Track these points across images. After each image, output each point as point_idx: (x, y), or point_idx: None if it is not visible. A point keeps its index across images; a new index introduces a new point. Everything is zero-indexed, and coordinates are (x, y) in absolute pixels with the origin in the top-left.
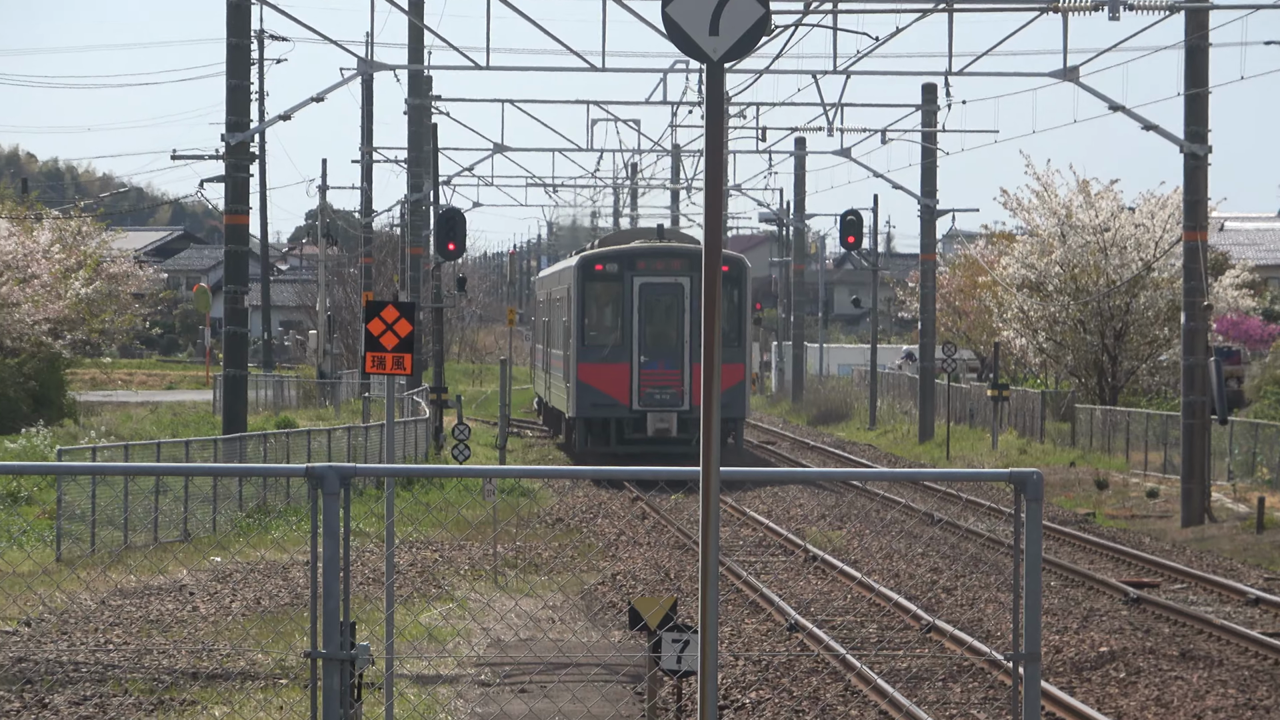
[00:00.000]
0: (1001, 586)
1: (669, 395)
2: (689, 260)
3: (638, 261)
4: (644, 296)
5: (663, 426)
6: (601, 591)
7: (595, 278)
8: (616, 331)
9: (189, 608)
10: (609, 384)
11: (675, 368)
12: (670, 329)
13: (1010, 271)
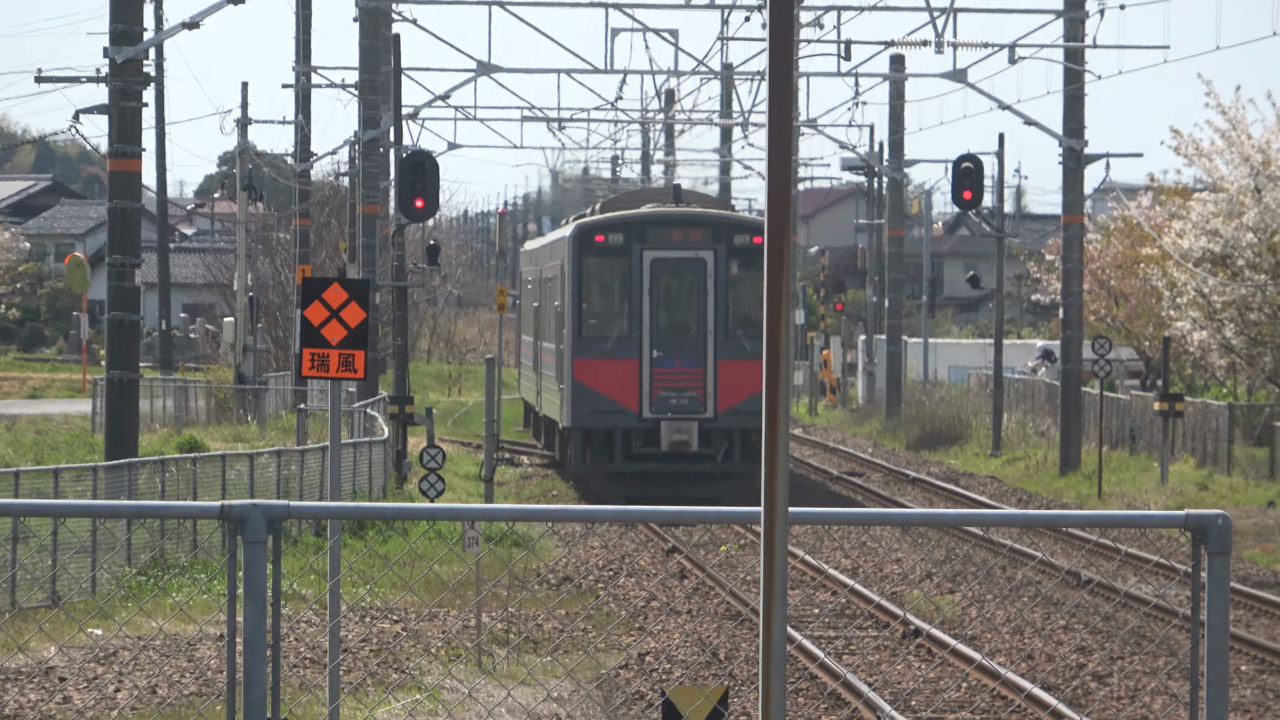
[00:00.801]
0: (1174, 672)
1: (688, 399)
2: (713, 229)
3: (648, 231)
4: (657, 275)
5: (680, 439)
6: (625, 679)
7: (595, 251)
8: (622, 319)
9: (58, 698)
10: (613, 385)
11: (696, 365)
12: (690, 316)
13: (1186, 240)
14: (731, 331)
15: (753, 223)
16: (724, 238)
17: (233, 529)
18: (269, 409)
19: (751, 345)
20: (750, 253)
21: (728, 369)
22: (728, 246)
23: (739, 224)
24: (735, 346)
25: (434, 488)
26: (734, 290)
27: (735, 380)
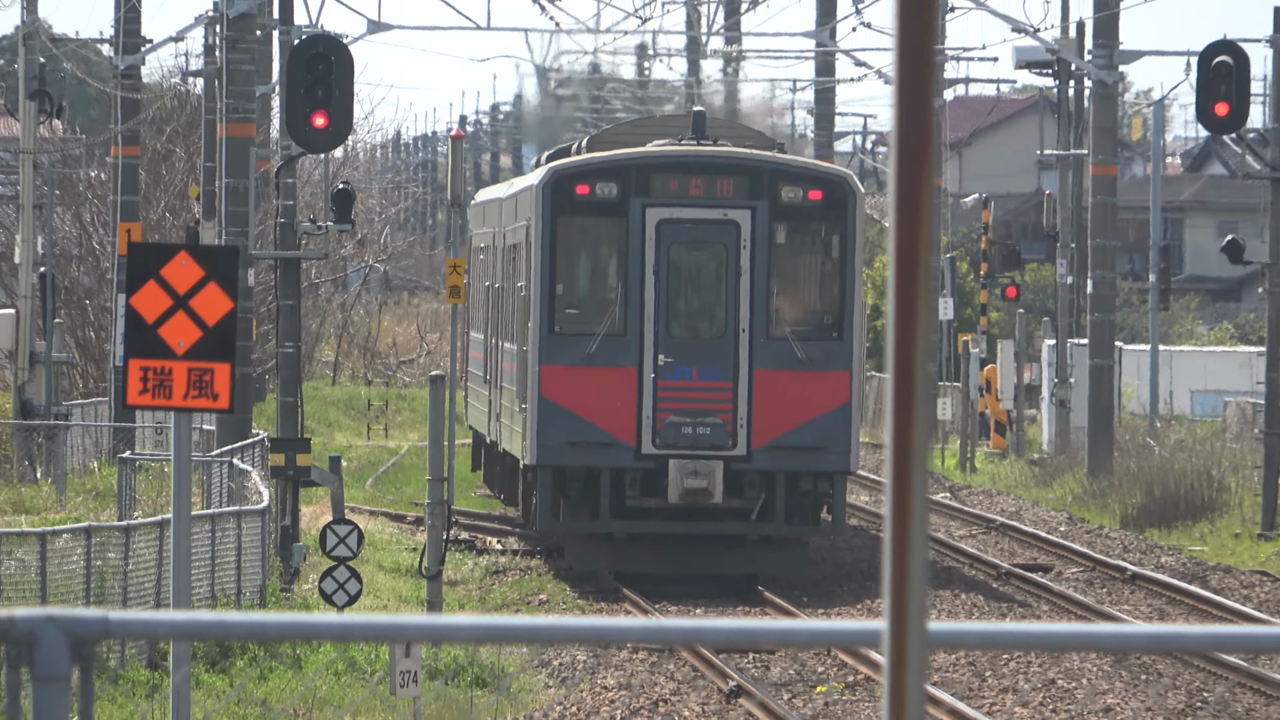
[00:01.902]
0: None
1: (710, 428)
2: (750, 177)
3: (655, 179)
4: (667, 244)
5: (697, 485)
6: None
7: (576, 208)
8: (614, 309)
9: None
10: (598, 405)
11: (723, 377)
12: (714, 305)
13: None
14: (775, 329)
15: (808, 169)
16: (767, 190)
17: (14, 655)
18: (72, 459)
19: (805, 349)
20: (804, 213)
21: (769, 384)
22: (772, 203)
23: (789, 170)
24: (780, 351)
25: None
26: (780, 267)
27: (780, 400)
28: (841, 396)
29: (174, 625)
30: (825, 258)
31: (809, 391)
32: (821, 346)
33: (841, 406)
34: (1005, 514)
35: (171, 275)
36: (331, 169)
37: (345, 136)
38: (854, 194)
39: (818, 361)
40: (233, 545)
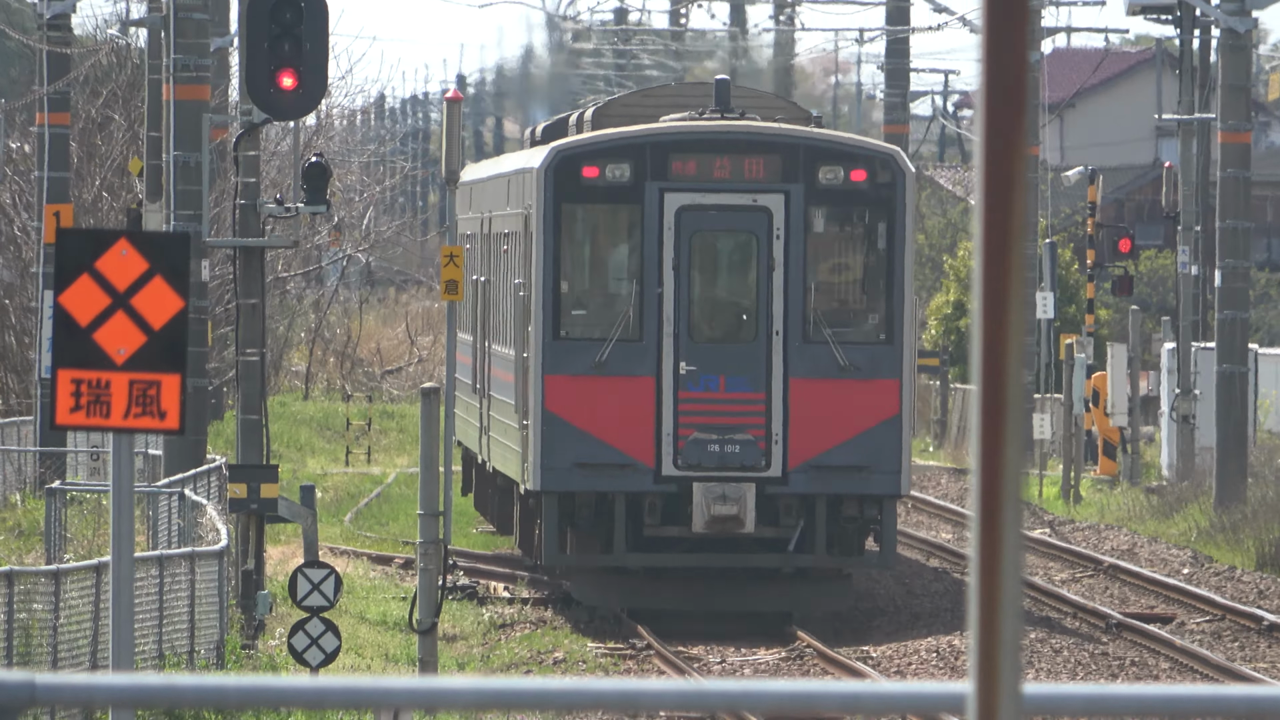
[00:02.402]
0: None
1: (739, 446)
2: (784, 156)
3: (674, 159)
4: (687, 235)
5: (726, 512)
6: None
7: (583, 194)
8: (627, 310)
9: None
10: (611, 421)
11: (752, 387)
12: (743, 305)
13: None
14: (814, 331)
15: (850, 146)
16: (803, 171)
17: None
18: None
19: (848, 354)
20: (846, 197)
21: (808, 395)
22: (808, 186)
23: (828, 147)
24: (820, 357)
25: (318, 646)
26: (819, 260)
27: (820, 414)
28: (890, 408)
29: (114, 690)
30: (871, 248)
31: (853, 403)
32: (867, 351)
33: (890, 419)
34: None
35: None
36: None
37: (318, 100)
38: (903, 174)
39: (863, 369)
40: (185, 593)
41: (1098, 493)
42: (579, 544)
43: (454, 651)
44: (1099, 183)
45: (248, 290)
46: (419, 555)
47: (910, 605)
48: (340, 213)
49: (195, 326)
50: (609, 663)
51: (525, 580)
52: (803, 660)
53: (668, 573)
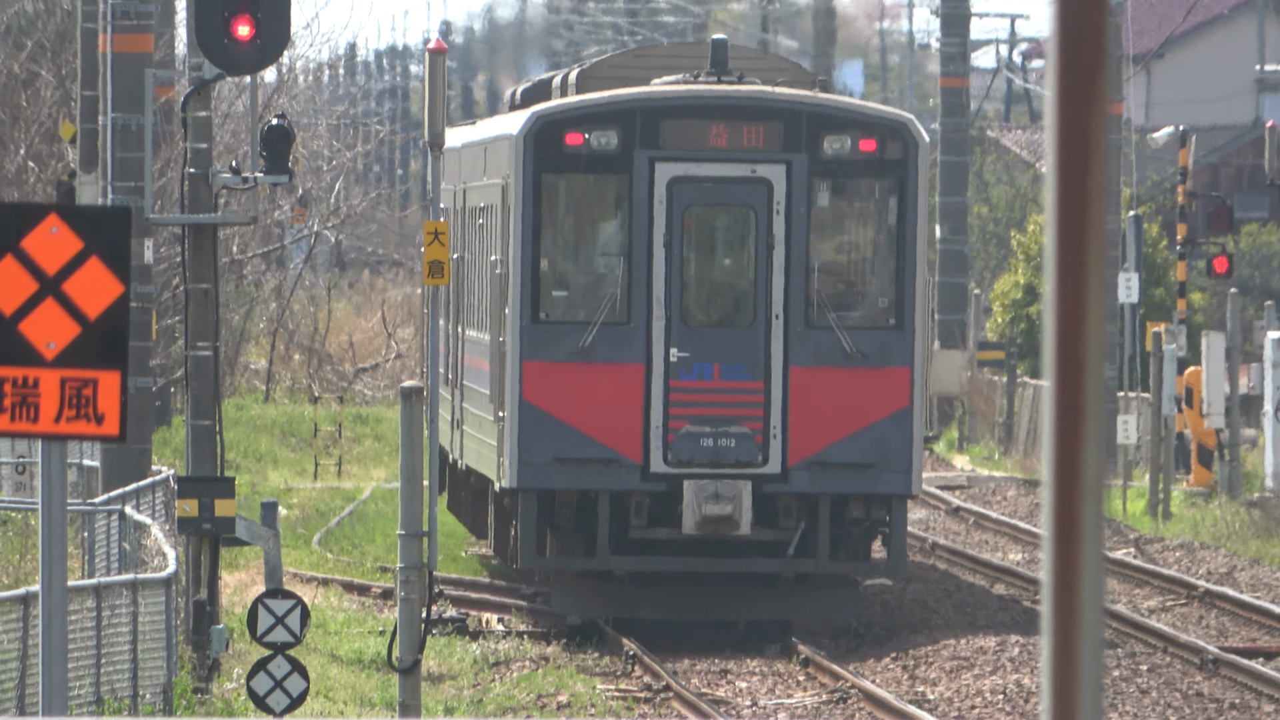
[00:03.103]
0: None
1: (735, 440)
2: (785, 123)
3: (665, 126)
4: (680, 209)
5: (720, 512)
6: None
7: (565, 163)
8: (614, 291)
9: None
10: (594, 413)
11: (749, 376)
12: (739, 286)
13: None
14: (817, 315)
15: (857, 112)
16: (806, 140)
17: None
18: None
19: (854, 340)
20: (853, 168)
21: (810, 385)
22: (812, 156)
23: (833, 114)
24: (823, 344)
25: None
26: (823, 237)
27: (823, 405)
28: (900, 400)
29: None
30: (880, 225)
31: (859, 394)
32: (875, 337)
33: (900, 412)
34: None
35: (36, 248)
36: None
37: (279, 52)
38: (916, 144)
39: (871, 356)
40: (126, 628)
41: (1191, 507)
42: (559, 547)
43: (440, 694)
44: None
45: (198, 274)
46: (399, 583)
47: (973, 638)
48: (305, 184)
49: (138, 316)
50: (621, 707)
51: (523, 611)
52: (846, 703)
53: (656, 578)
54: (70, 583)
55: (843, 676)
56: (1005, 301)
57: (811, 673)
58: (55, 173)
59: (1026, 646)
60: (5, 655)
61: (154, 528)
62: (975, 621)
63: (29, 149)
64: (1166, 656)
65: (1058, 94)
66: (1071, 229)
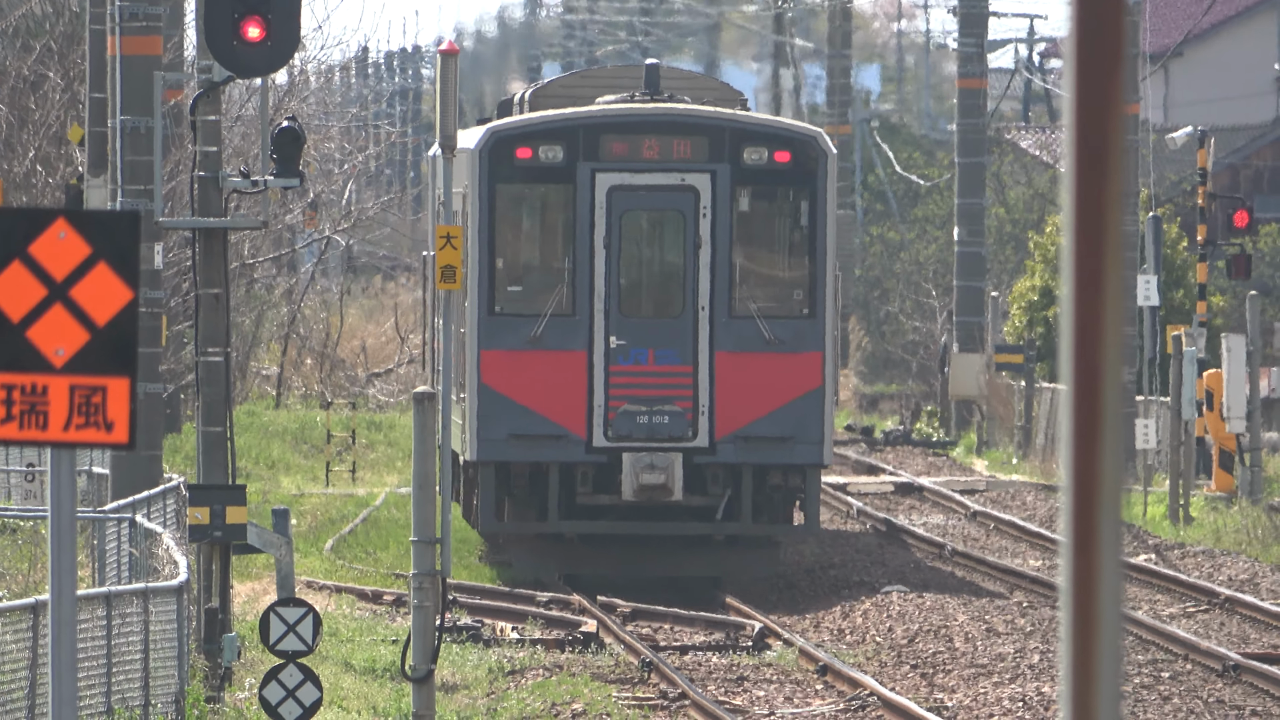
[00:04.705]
0: None
1: (668, 417)
2: (711, 137)
3: (605, 140)
4: (618, 214)
5: (655, 481)
6: None
7: (516, 174)
8: (560, 287)
9: None
10: (544, 394)
11: (680, 360)
12: (671, 281)
13: None
14: (739, 306)
15: (774, 128)
16: (728, 151)
17: None
18: None
19: (772, 328)
20: (770, 176)
21: (733, 368)
22: (734, 166)
23: (752, 129)
24: (745, 331)
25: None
26: (744, 238)
27: (745, 386)
28: (813, 380)
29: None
30: (794, 226)
31: (777, 375)
32: (791, 325)
33: (813, 391)
34: (1234, 584)
35: (45, 253)
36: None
37: (290, 54)
38: (825, 155)
39: (787, 342)
40: (137, 637)
41: (1211, 512)
42: (515, 512)
43: (454, 703)
44: (1210, 146)
45: (209, 279)
46: (413, 590)
47: (991, 645)
48: (316, 187)
49: (147, 322)
50: (638, 715)
51: (541, 619)
52: (864, 711)
53: (601, 540)
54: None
55: (861, 684)
56: (1023, 304)
57: (830, 681)
58: (64, 176)
59: (1046, 654)
60: (15, 665)
61: (165, 535)
62: (994, 628)
63: (37, 152)
64: (1188, 664)
65: (1075, 94)
66: (1089, 231)
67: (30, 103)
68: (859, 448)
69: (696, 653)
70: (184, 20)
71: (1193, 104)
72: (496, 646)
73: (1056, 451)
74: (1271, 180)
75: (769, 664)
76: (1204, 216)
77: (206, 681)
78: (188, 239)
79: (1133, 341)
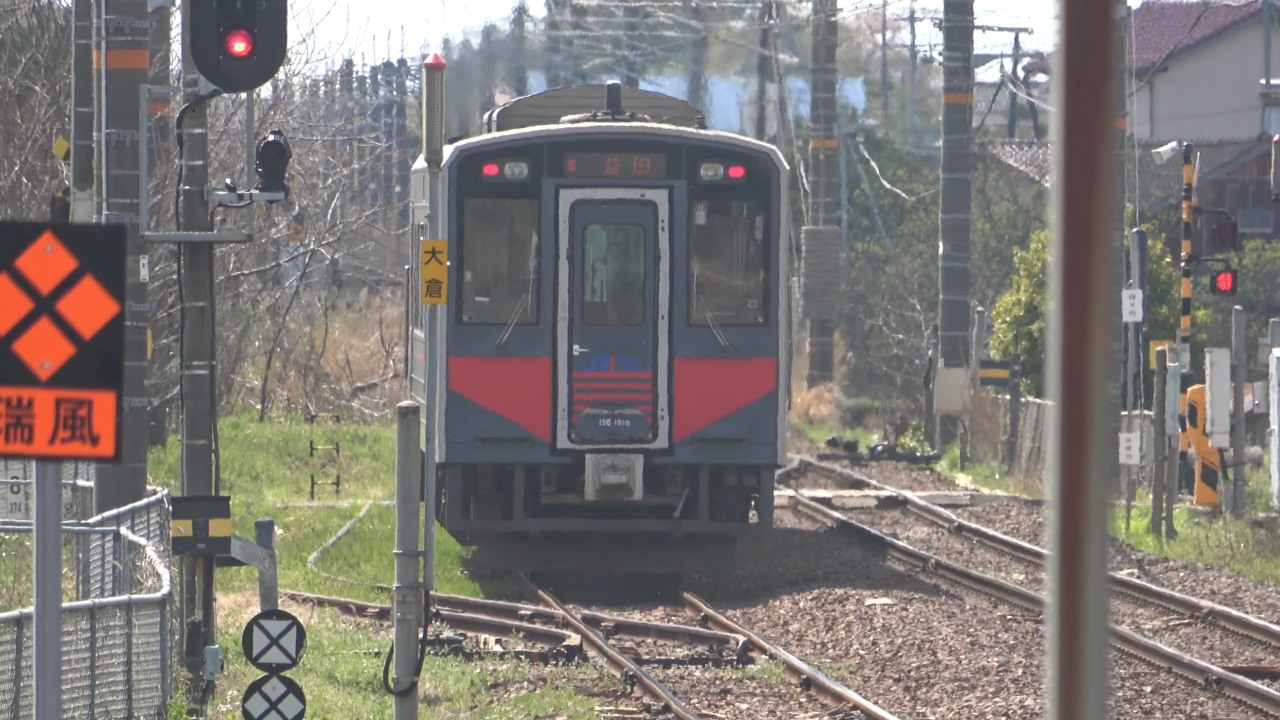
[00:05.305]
0: None
1: (628, 421)
2: (669, 154)
3: (568, 157)
4: (580, 227)
5: (616, 481)
6: None
7: (483, 190)
8: (525, 297)
9: None
10: (510, 399)
11: (641, 368)
12: (631, 291)
13: None
14: (696, 315)
15: (728, 144)
16: (685, 168)
17: None
18: None
19: (728, 336)
20: (725, 191)
21: (691, 373)
22: (691, 182)
23: (707, 146)
24: (702, 339)
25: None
26: (700, 250)
27: (702, 391)
28: (767, 385)
29: None
30: (748, 238)
31: (733, 381)
32: (745, 333)
33: (767, 396)
34: (1217, 597)
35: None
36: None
37: (276, 68)
38: (777, 170)
39: (741, 349)
40: (120, 649)
41: (1195, 526)
42: (481, 511)
43: (437, 716)
44: (1196, 161)
45: (194, 292)
46: (396, 603)
47: (975, 658)
48: (302, 201)
49: (133, 335)
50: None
51: (523, 632)
52: None
53: (565, 537)
54: (64, 604)
55: (844, 698)
56: (1007, 319)
57: (813, 694)
58: (49, 189)
59: (1030, 667)
60: (0, 678)
61: (149, 548)
62: (978, 642)
63: (23, 165)
64: (1170, 677)
65: (1063, 108)
66: (1077, 245)
67: (16, 116)
68: (843, 462)
69: (680, 666)
70: (170, 34)
71: (1178, 119)
72: (479, 659)
73: (1041, 466)
74: (1256, 195)
75: (752, 677)
76: (1189, 232)
77: (189, 694)
78: (173, 252)
79: (1117, 356)
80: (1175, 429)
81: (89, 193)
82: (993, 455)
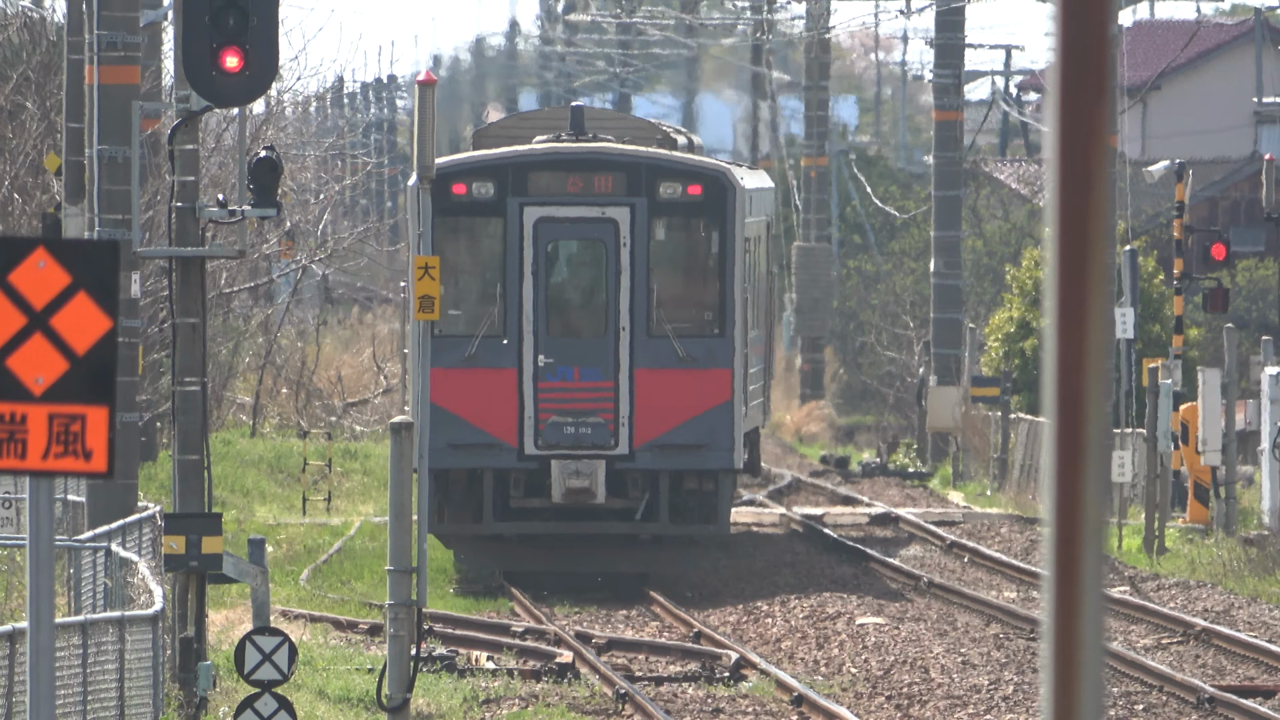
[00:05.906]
0: None
1: (591, 428)
2: (629, 173)
3: (532, 177)
4: (545, 244)
5: (580, 485)
6: None
7: (453, 209)
8: (493, 310)
9: None
10: (479, 407)
11: (603, 377)
12: (594, 305)
13: None
14: (656, 327)
15: (686, 164)
16: (645, 186)
17: None
18: None
19: (686, 347)
20: (683, 209)
21: (651, 383)
22: (650, 200)
23: (666, 166)
24: (661, 350)
25: None
26: (660, 264)
27: (661, 399)
28: (724, 394)
29: None
30: (705, 254)
31: (690, 390)
32: (702, 344)
33: (724, 404)
34: (1210, 615)
35: (24, 282)
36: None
37: (268, 84)
38: (733, 188)
39: (699, 359)
40: (113, 665)
41: (1187, 544)
42: (453, 515)
43: None
44: (1188, 179)
45: (186, 308)
46: (388, 620)
47: (966, 676)
48: (293, 217)
49: (125, 351)
50: None
51: (515, 649)
52: None
53: (536, 539)
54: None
55: (836, 715)
56: (999, 335)
57: (805, 712)
58: (40, 205)
59: (1021, 685)
60: None
61: (141, 564)
62: (970, 660)
63: (14, 181)
64: (1163, 695)
65: (1058, 126)
66: (1072, 263)
67: (7, 131)
68: (835, 479)
69: (672, 683)
70: (162, 50)
71: (1170, 137)
72: (471, 676)
73: (1033, 484)
74: (1248, 214)
75: (744, 695)
76: (1181, 250)
77: (181, 710)
78: (165, 268)
79: (1109, 374)
80: (1168, 447)
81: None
82: (984, 472)
